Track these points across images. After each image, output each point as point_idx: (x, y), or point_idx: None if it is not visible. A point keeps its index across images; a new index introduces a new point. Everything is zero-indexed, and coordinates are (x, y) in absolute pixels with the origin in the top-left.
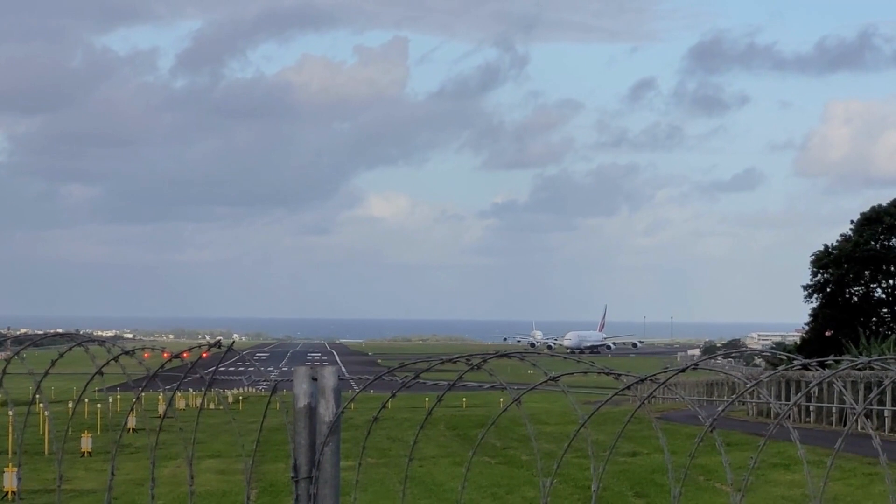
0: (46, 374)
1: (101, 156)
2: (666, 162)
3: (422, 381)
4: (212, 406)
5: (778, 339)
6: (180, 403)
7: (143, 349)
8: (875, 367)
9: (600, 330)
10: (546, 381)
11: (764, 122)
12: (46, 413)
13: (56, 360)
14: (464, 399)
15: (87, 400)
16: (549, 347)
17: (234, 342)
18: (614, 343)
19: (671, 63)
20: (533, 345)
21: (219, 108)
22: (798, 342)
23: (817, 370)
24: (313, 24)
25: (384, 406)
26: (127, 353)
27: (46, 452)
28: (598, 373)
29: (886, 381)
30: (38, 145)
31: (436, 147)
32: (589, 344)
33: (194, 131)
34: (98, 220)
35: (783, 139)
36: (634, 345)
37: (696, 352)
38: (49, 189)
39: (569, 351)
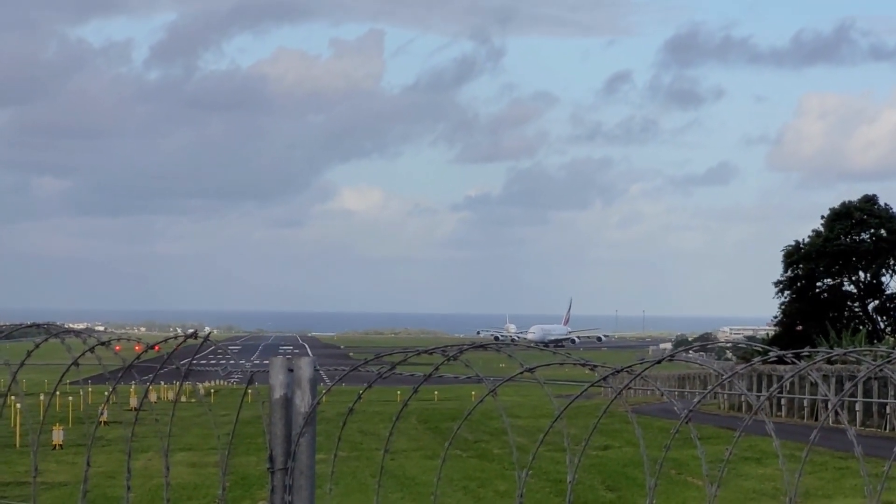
0: (23, 364)
1: (73, 148)
2: (640, 156)
3: (396, 373)
4: (183, 399)
5: (749, 333)
6: (151, 396)
7: (116, 341)
8: (851, 358)
9: (565, 324)
10: (522, 373)
11: (738, 116)
12: (19, 405)
13: (32, 351)
14: (435, 392)
15: (58, 393)
16: (513, 341)
17: (210, 333)
18: (578, 337)
19: (646, 56)
20: (497, 338)
21: (192, 101)
22: (769, 336)
23: (792, 363)
24: (289, 16)
25: (360, 398)
26: (103, 343)
27: (18, 445)
28: (575, 364)
29: (862, 374)
30: (10, 137)
31: (410, 140)
32: (553, 338)
33: (167, 124)
34: (70, 213)
35: (758, 133)
36: (599, 339)
37: (668, 345)
38: (21, 181)
39: (532, 345)
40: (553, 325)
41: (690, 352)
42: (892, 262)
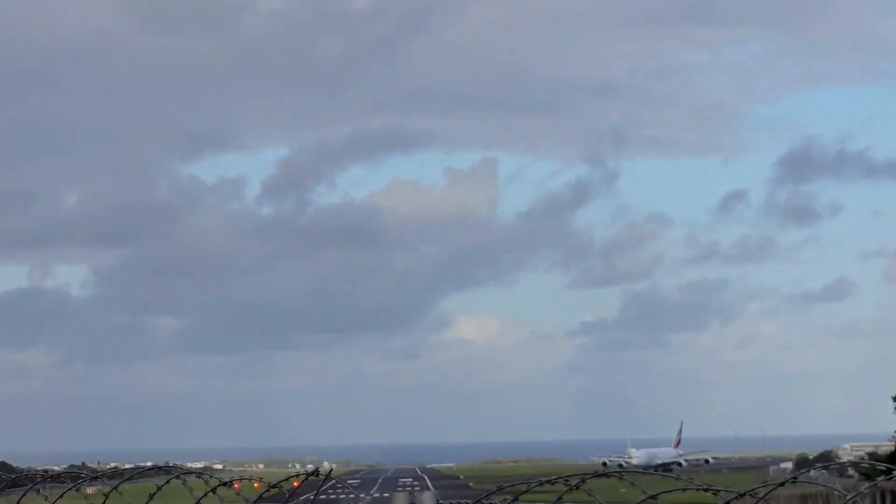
0: None
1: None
2: (756, 274)
3: (520, 503)
4: None
5: (871, 449)
6: None
7: (237, 480)
8: None
9: (676, 446)
10: (645, 500)
11: (856, 230)
12: None
13: (154, 494)
14: None
15: None
16: (621, 466)
17: (332, 470)
18: (686, 461)
19: (761, 174)
20: (605, 464)
21: (305, 235)
22: (892, 451)
23: None
24: (401, 146)
25: None
26: (224, 483)
27: None
28: (698, 489)
29: None
30: (124, 277)
31: (525, 267)
32: (660, 461)
33: (281, 259)
34: (185, 351)
35: (875, 247)
36: (707, 461)
37: (789, 464)
38: (135, 321)
39: (640, 469)
40: (661, 449)
41: (812, 471)
42: None
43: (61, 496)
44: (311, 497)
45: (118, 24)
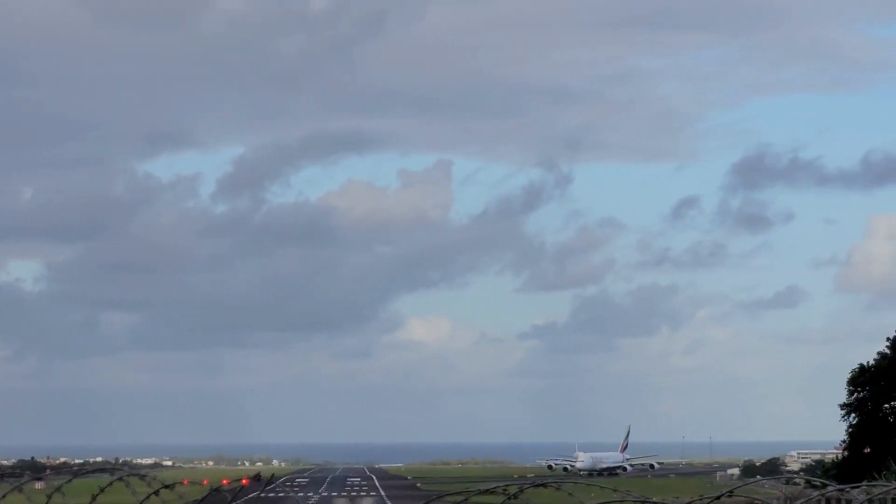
0: None
1: (141, 283)
2: (707, 281)
3: None
4: None
5: (818, 456)
6: None
7: (176, 483)
8: None
9: (622, 451)
10: None
11: (808, 239)
12: None
13: (96, 496)
14: None
15: None
16: (566, 470)
17: (273, 475)
18: (632, 465)
19: (714, 180)
20: (551, 467)
21: (260, 234)
22: (837, 458)
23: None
24: (357, 147)
25: None
26: (167, 486)
27: None
28: (634, 501)
29: None
30: (78, 273)
31: (477, 269)
32: (604, 465)
33: (235, 257)
34: (138, 348)
35: (827, 255)
36: (652, 466)
37: (736, 471)
38: (89, 317)
39: (584, 473)
40: (606, 453)
41: (758, 476)
42: None
43: (4, 497)
44: (255, 496)
45: (75, 20)
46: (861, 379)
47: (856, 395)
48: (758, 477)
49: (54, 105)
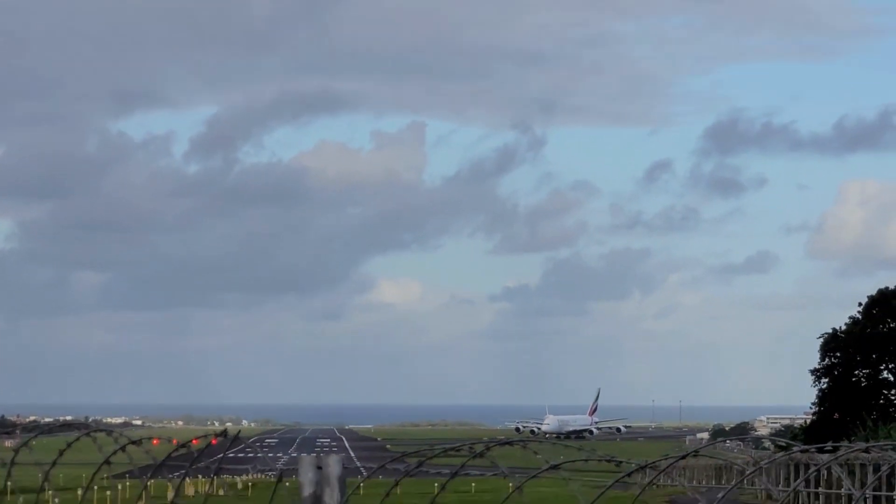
0: (54, 464)
1: (112, 242)
2: (680, 245)
3: (425, 469)
4: (221, 492)
5: (787, 421)
6: (189, 490)
7: (150, 438)
8: (883, 449)
9: (591, 414)
10: (547, 469)
11: (780, 204)
12: (56, 501)
13: (64, 451)
14: (472, 484)
15: (95, 487)
16: (533, 432)
17: (239, 432)
18: (599, 428)
19: (687, 145)
20: (518, 430)
21: (232, 194)
22: (805, 424)
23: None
24: (330, 108)
25: (388, 494)
26: (134, 442)
27: None
28: (599, 460)
29: (884, 468)
30: (49, 231)
31: (449, 232)
32: (571, 428)
33: (207, 217)
34: (109, 307)
35: (798, 221)
36: (619, 429)
37: (705, 435)
38: (59, 276)
39: (551, 436)
40: (573, 416)
41: (727, 443)
42: None
43: None
44: (220, 456)
45: None
46: (832, 344)
47: (827, 359)
48: (723, 439)
49: (26, 63)
